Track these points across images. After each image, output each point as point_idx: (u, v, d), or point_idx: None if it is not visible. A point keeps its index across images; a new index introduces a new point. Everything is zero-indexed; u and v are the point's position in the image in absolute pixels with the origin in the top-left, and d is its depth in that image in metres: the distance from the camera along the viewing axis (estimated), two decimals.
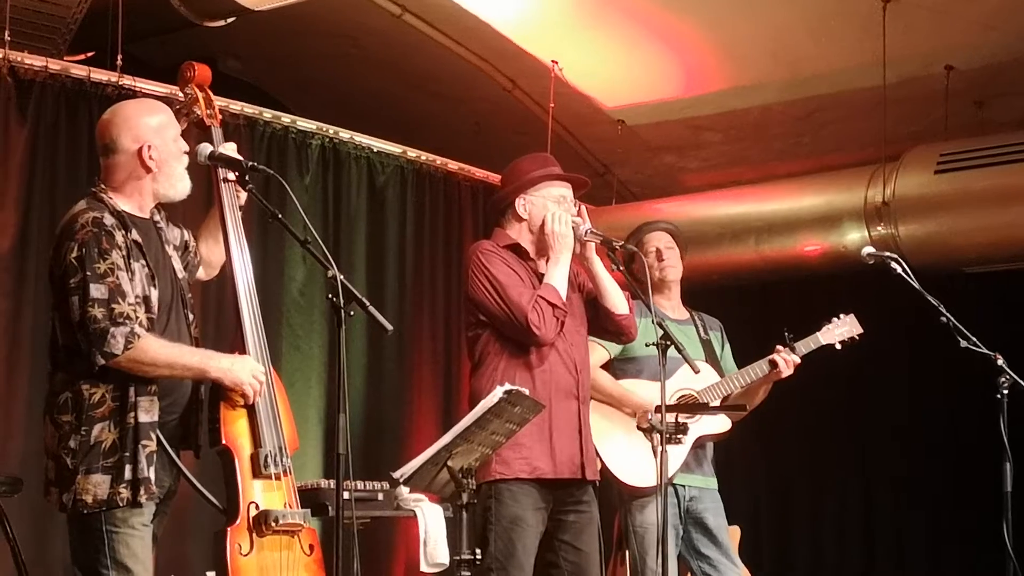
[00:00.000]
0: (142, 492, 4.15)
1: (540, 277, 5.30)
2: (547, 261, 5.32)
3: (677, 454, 5.95)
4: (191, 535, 6.94)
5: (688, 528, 6.10)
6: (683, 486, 6.05)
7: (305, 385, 8.00)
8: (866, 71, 7.89)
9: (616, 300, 5.39)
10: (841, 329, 6.26)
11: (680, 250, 6.36)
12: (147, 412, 4.19)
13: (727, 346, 6.41)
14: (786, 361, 6.09)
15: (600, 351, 5.99)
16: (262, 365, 4.46)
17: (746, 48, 8.24)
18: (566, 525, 5.24)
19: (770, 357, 6.11)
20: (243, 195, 4.66)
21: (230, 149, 4.62)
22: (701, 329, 6.33)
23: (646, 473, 5.94)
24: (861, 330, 6.28)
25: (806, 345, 6.18)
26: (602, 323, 5.44)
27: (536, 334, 5.13)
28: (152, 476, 4.18)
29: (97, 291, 4.12)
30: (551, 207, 5.31)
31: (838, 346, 6.26)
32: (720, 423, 6.13)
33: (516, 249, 5.34)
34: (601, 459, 5.95)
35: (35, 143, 6.94)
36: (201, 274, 4.73)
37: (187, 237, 4.66)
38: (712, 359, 6.22)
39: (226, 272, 4.61)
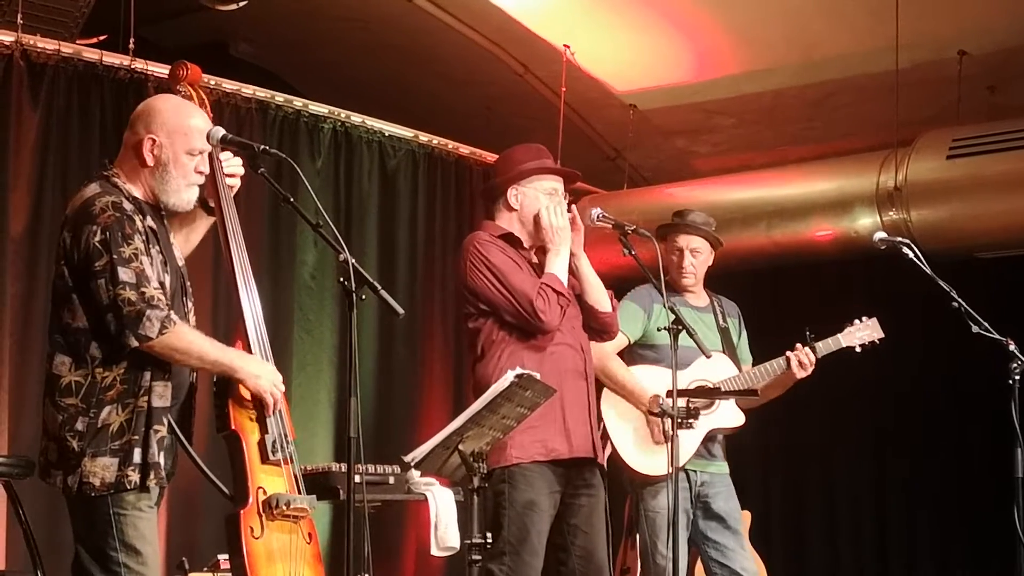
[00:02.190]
0: (152, 477, 4.15)
1: (534, 266, 5.31)
2: (541, 252, 5.32)
3: (689, 444, 5.96)
4: (202, 520, 6.96)
5: (697, 513, 6.10)
6: (694, 471, 6.04)
7: (316, 369, 8.01)
8: (879, 56, 7.87)
9: (599, 297, 5.40)
10: (863, 332, 6.18)
11: (713, 250, 6.29)
12: (160, 397, 4.19)
13: (744, 334, 6.39)
14: (802, 363, 6.02)
15: (620, 336, 5.97)
16: (260, 350, 4.46)
17: (759, 32, 8.22)
18: (575, 508, 5.26)
19: (787, 355, 6.05)
20: (235, 189, 4.64)
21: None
22: (720, 316, 6.28)
23: (657, 461, 5.95)
24: (883, 334, 6.20)
25: (826, 346, 6.12)
26: (586, 320, 5.44)
27: (542, 319, 5.13)
28: (162, 461, 4.18)
29: (125, 274, 4.09)
30: (543, 200, 5.31)
31: (858, 349, 6.19)
32: (734, 417, 6.11)
33: (509, 238, 5.35)
34: (613, 445, 5.96)
35: (47, 127, 6.95)
36: None
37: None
38: (729, 348, 6.20)
39: (224, 269, 4.59)
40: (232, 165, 4.60)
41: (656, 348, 6.11)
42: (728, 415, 6.10)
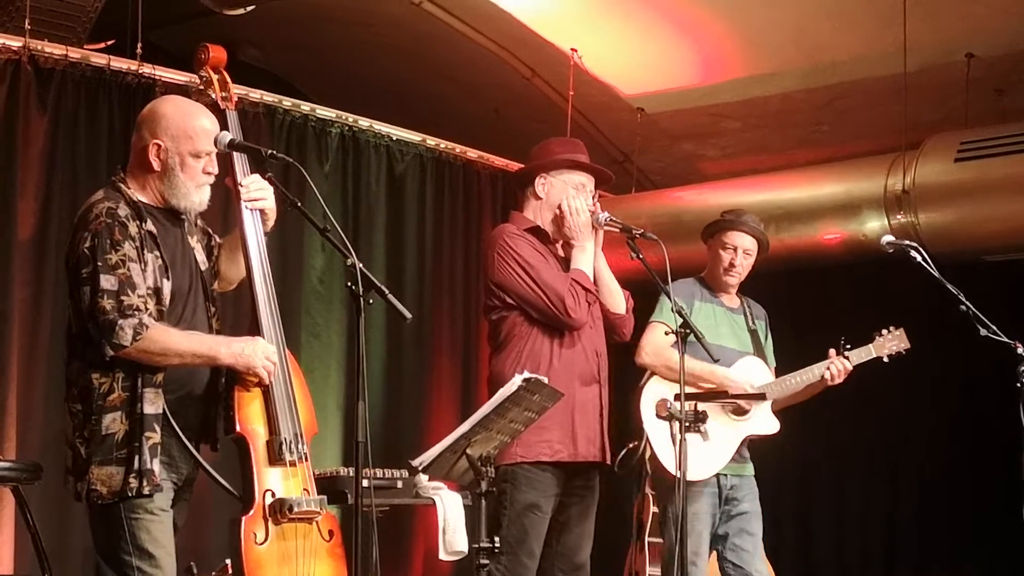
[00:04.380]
0: (145, 483, 4.16)
1: (560, 260, 5.33)
2: (566, 245, 5.34)
3: (726, 450, 5.97)
4: (212, 523, 6.95)
5: (722, 516, 6.07)
6: (724, 475, 6.03)
7: (324, 373, 8.01)
8: (886, 58, 7.86)
9: (615, 300, 5.43)
10: (892, 343, 6.20)
11: (761, 255, 6.28)
12: (152, 404, 4.19)
13: (770, 339, 6.36)
14: (839, 371, 6.05)
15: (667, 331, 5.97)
16: (275, 347, 4.43)
17: (766, 35, 8.22)
18: (567, 506, 5.31)
19: (824, 364, 6.06)
20: (271, 222, 4.61)
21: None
22: (749, 318, 6.27)
23: (694, 465, 5.92)
24: (908, 345, 6.22)
25: (858, 356, 6.14)
26: None
27: (572, 317, 5.17)
28: (156, 468, 4.18)
29: (107, 282, 4.12)
30: (570, 192, 5.32)
31: (886, 359, 6.21)
32: (770, 424, 6.09)
33: (537, 232, 5.36)
34: (651, 446, 5.87)
35: (55, 132, 6.95)
36: (215, 286, 4.67)
37: (213, 243, 4.65)
38: (759, 350, 6.20)
39: (244, 261, 4.57)
40: (255, 189, 4.55)
41: (690, 346, 6.08)
42: (763, 422, 6.07)
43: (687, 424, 5.17)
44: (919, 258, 5.73)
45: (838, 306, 8.57)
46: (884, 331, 6.21)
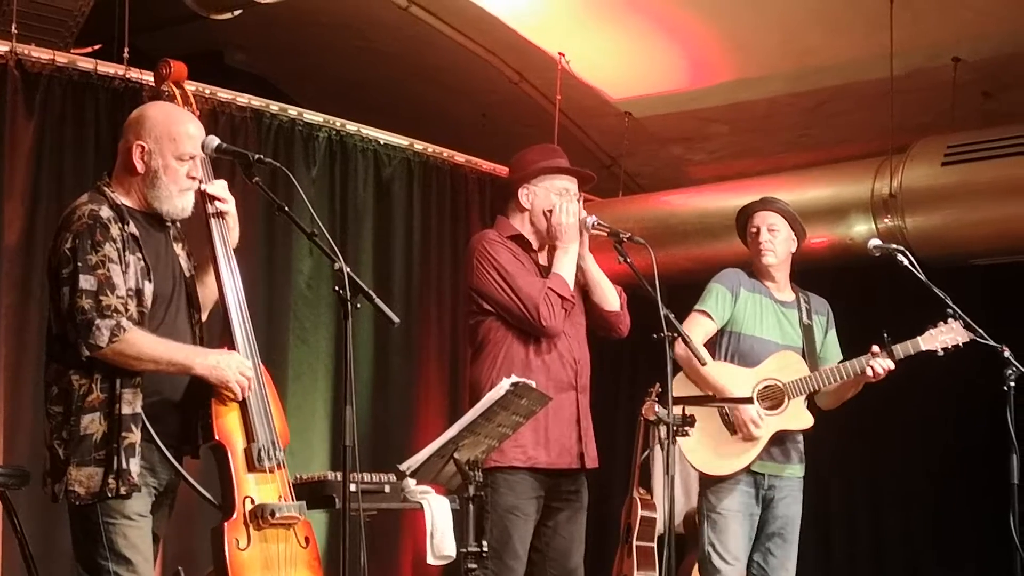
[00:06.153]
0: (122, 484, 4.16)
1: (541, 268, 5.33)
2: (551, 251, 5.34)
3: (752, 447, 5.91)
4: (200, 529, 6.93)
5: (761, 516, 6.03)
6: (763, 475, 5.99)
7: (312, 378, 8.00)
8: (873, 63, 7.87)
9: (607, 296, 5.43)
10: (945, 335, 5.87)
11: (793, 231, 6.19)
12: (129, 404, 4.20)
13: (832, 332, 6.25)
14: (883, 367, 5.86)
15: (707, 321, 5.98)
16: (249, 360, 4.43)
17: (753, 39, 8.23)
18: (554, 512, 5.32)
19: (865, 359, 5.89)
20: (235, 234, 4.60)
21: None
22: (804, 313, 6.18)
23: (721, 461, 5.91)
24: (967, 338, 5.86)
25: (904, 349, 5.89)
26: (592, 319, 5.46)
27: (545, 324, 5.18)
28: (133, 468, 4.18)
29: (87, 282, 4.14)
30: (555, 199, 5.33)
31: (940, 353, 5.88)
32: (801, 419, 6.02)
33: (519, 239, 5.37)
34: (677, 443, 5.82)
35: (42, 136, 6.94)
36: None
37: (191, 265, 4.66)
38: (809, 347, 6.11)
39: (213, 269, 4.55)
40: (217, 188, 4.54)
41: (731, 336, 6.07)
42: (795, 416, 6.01)
43: (674, 428, 5.17)
44: (906, 262, 5.74)
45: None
46: (941, 323, 5.88)
